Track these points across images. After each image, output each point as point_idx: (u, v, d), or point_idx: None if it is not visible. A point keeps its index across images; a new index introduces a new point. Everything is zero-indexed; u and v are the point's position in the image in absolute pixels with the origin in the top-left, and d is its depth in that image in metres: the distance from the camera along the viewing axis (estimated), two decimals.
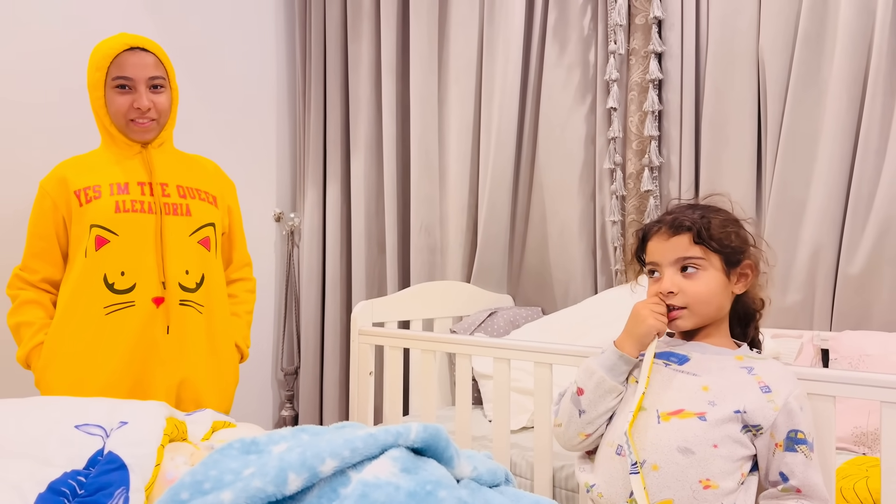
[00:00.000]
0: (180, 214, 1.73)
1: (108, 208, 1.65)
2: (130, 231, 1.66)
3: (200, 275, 1.75)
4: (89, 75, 1.70)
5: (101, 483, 0.96)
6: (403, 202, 2.91)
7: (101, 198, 1.66)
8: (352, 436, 0.76)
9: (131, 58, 1.68)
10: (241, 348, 1.89)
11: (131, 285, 1.65)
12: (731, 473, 1.14)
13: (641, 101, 2.32)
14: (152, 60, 1.70)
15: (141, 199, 1.69)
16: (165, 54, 1.75)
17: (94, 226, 1.65)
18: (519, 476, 1.78)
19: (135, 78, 1.68)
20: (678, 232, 1.24)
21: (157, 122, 1.73)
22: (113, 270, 1.64)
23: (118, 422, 1.07)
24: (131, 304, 1.65)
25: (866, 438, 1.73)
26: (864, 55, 1.98)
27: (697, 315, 1.24)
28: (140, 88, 1.68)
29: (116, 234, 1.65)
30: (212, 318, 1.77)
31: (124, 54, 1.67)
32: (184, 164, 1.83)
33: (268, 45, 3.09)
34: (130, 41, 1.69)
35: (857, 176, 1.98)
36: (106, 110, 1.70)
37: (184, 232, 1.73)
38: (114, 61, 1.67)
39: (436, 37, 2.76)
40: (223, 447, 0.80)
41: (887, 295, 1.96)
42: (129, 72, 1.67)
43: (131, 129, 1.71)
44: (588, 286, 2.50)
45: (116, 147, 1.73)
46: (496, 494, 0.80)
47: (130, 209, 1.67)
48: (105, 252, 1.64)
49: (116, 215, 1.65)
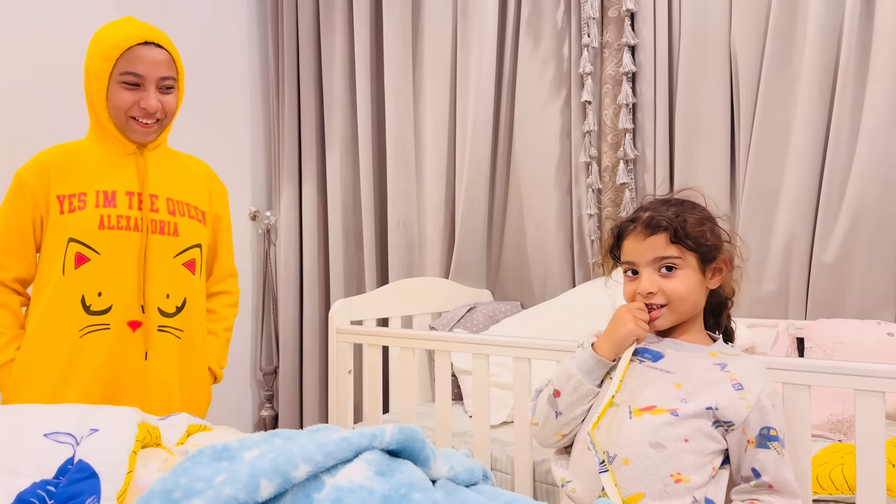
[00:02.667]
0: (167, 234, 1.61)
1: (92, 223, 1.53)
2: (113, 250, 1.54)
3: (182, 299, 1.64)
4: (92, 63, 1.54)
5: (71, 492, 0.93)
6: (380, 198, 2.90)
7: (86, 209, 1.53)
8: (325, 439, 0.75)
9: (144, 53, 1.53)
10: (214, 371, 1.78)
11: (108, 307, 1.54)
12: (702, 467, 1.14)
13: (615, 93, 2.32)
14: (165, 58, 1.57)
15: (127, 215, 1.56)
16: (177, 52, 1.62)
17: (74, 241, 1.52)
18: (499, 471, 1.78)
19: (146, 76, 1.54)
20: (655, 231, 1.24)
21: (160, 124, 1.61)
22: (91, 291, 1.53)
23: (89, 429, 1.04)
24: (106, 326, 1.54)
25: (842, 426, 1.75)
26: (834, 46, 2.00)
27: (675, 313, 1.25)
28: (150, 88, 1.55)
29: (98, 252, 1.53)
30: (190, 342, 1.67)
31: (137, 48, 1.53)
32: (177, 169, 1.70)
33: (240, 42, 3.05)
34: (145, 34, 1.54)
35: (829, 165, 2.00)
36: (106, 104, 1.55)
37: (169, 253, 1.61)
38: (124, 54, 1.52)
39: (409, 31, 2.74)
40: (194, 454, 0.78)
41: (860, 283, 1.98)
42: (140, 69, 1.53)
43: (131, 129, 1.57)
44: (566, 279, 2.51)
45: (108, 144, 1.60)
46: (473, 494, 0.79)
47: (115, 226, 1.54)
48: (84, 271, 1.53)
49: (100, 232, 1.53)
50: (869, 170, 1.93)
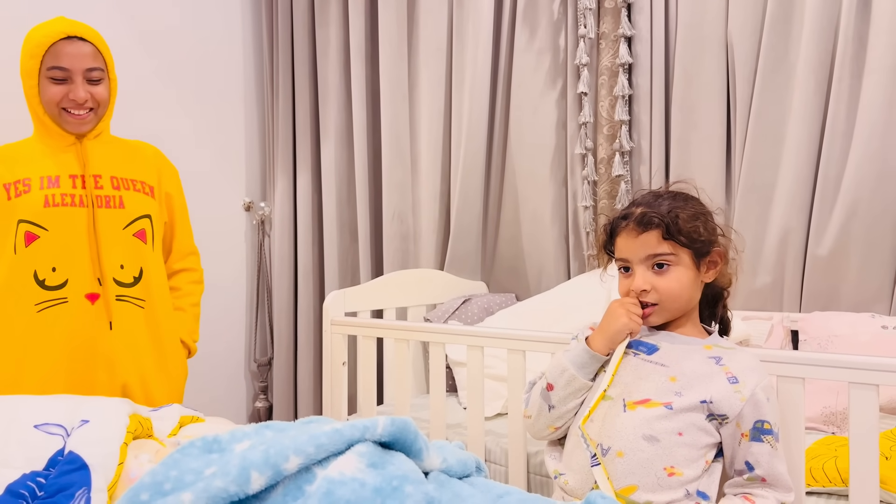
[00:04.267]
0: (113, 207, 1.66)
1: (37, 202, 1.59)
2: (60, 226, 1.60)
3: (138, 269, 1.69)
4: (23, 62, 1.62)
5: (61, 484, 0.93)
6: (375, 190, 2.88)
7: (31, 192, 1.59)
8: (317, 431, 0.75)
9: (68, 47, 1.59)
10: (188, 343, 1.84)
11: (63, 281, 1.59)
12: (695, 461, 1.14)
13: (612, 85, 2.31)
14: (90, 50, 1.62)
15: (72, 193, 1.62)
16: (105, 43, 1.67)
17: (23, 221, 1.58)
18: (494, 463, 1.78)
19: (71, 69, 1.60)
20: (647, 228, 1.22)
21: (94, 114, 1.66)
22: (43, 266, 1.58)
23: (79, 420, 1.04)
24: (63, 300, 1.59)
25: (835, 418, 1.75)
26: (830, 39, 1.99)
27: (669, 310, 1.25)
28: (77, 80, 1.61)
29: (46, 229, 1.59)
30: (154, 313, 1.72)
31: (61, 43, 1.59)
32: (121, 152, 1.75)
33: (234, 31, 3.02)
34: (67, 29, 1.60)
35: (824, 158, 2.00)
36: (39, 100, 1.62)
37: (118, 225, 1.66)
38: (49, 50, 1.59)
39: (405, 21, 2.73)
40: (184, 446, 0.78)
41: (855, 276, 1.98)
42: (65, 62, 1.59)
43: (65, 120, 1.63)
44: (561, 271, 2.50)
45: (49, 138, 1.66)
46: (465, 486, 0.79)
47: (60, 203, 1.60)
48: (35, 248, 1.58)
49: (45, 210, 1.59)
50: (864, 163, 1.93)
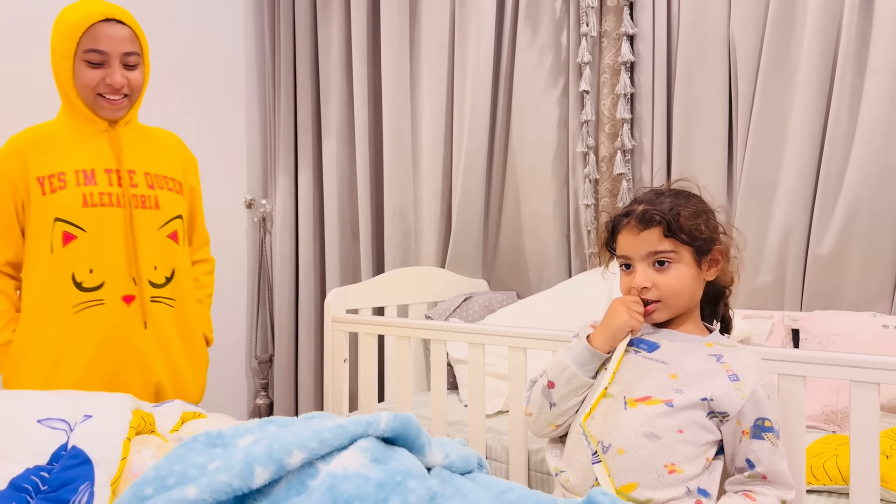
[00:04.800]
0: (149, 207, 1.65)
1: (75, 201, 1.56)
2: (99, 227, 1.57)
3: (171, 269, 1.69)
4: (56, 43, 1.57)
5: (64, 478, 0.93)
6: (376, 187, 2.88)
7: (67, 188, 1.56)
8: (320, 427, 0.75)
9: (106, 29, 1.55)
10: (208, 336, 1.85)
11: (100, 283, 1.58)
12: (695, 458, 1.14)
13: (614, 83, 2.31)
14: (128, 34, 1.58)
15: (109, 191, 1.59)
16: (140, 28, 1.64)
17: (60, 220, 1.55)
18: (494, 460, 1.79)
19: (109, 52, 1.56)
20: (648, 226, 1.23)
21: (128, 100, 1.63)
22: (81, 268, 1.57)
23: (82, 415, 1.04)
24: (100, 302, 1.58)
25: (836, 417, 1.75)
26: (833, 37, 1.99)
27: (671, 307, 1.25)
28: (114, 64, 1.57)
29: (84, 230, 1.56)
30: (184, 311, 1.72)
31: (99, 25, 1.54)
32: (149, 143, 1.73)
33: (235, 27, 3.02)
34: (106, 11, 1.56)
35: (826, 157, 2.00)
36: (73, 83, 1.57)
37: (153, 226, 1.65)
38: (87, 32, 1.54)
39: (407, 19, 2.73)
40: (188, 441, 0.78)
41: (856, 275, 1.98)
42: (103, 45, 1.55)
43: (100, 106, 1.60)
44: (562, 270, 2.50)
45: (80, 122, 1.62)
46: (468, 482, 0.79)
47: (98, 203, 1.58)
48: (72, 249, 1.56)
49: (84, 210, 1.56)
50: (866, 162, 1.93)
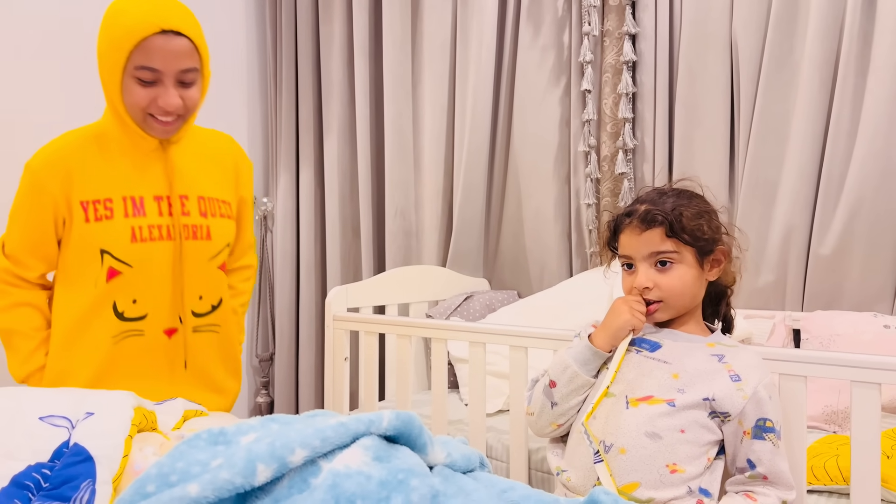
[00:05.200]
0: (200, 238, 1.50)
1: (123, 235, 1.41)
2: (147, 261, 1.44)
3: (218, 299, 1.57)
4: (104, 50, 1.36)
5: (66, 476, 0.93)
6: (378, 186, 2.88)
7: (114, 219, 1.41)
8: (323, 425, 0.75)
9: (162, 43, 1.31)
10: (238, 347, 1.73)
11: (143, 314, 1.47)
12: (697, 458, 1.15)
13: (615, 83, 2.31)
14: (187, 47, 1.35)
15: (159, 223, 1.45)
16: (202, 35, 1.40)
17: (106, 253, 1.42)
18: (495, 459, 1.79)
19: (164, 70, 1.34)
20: (650, 226, 1.23)
21: (182, 118, 1.44)
22: (124, 299, 1.45)
23: (84, 413, 1.04)
24: (140, 332, 1.47)
25: (837, 417, 1.75)
26: (835, 37, 1.99)
27: (673, 307, 1.25)
28: (168, 82, 1.35)
29: (130, 266, 1.43)
30: (227, 334, 1.62)
31: (154, 38, 1.31)
32: (204, 157, 1.55)
33: (237, 27, 3.02)
34: (163, 20, 1.32)
35: (828, 157, 2.00)
36: (121, 98, 1.37)
37: (204, 258, 1.52)
38: (139, 45, 1.31)
39: (409, 18, 2.73)
40: (190, 438, 0.78)
41: (857, 275, 1.98)
42: (157, 62, 1.33)
43: (150, 126, 1.41)
44: (563, 269, 2.50)
45: (128, 137, 1.44)
46: (470, 480, 0.79)
47: (148, 238, 1.43)
48: (117, 283, 1.44)
49: (132, 245, 1.42)
50: (868, 162, 1.93)
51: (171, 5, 1.35)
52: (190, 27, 1.36)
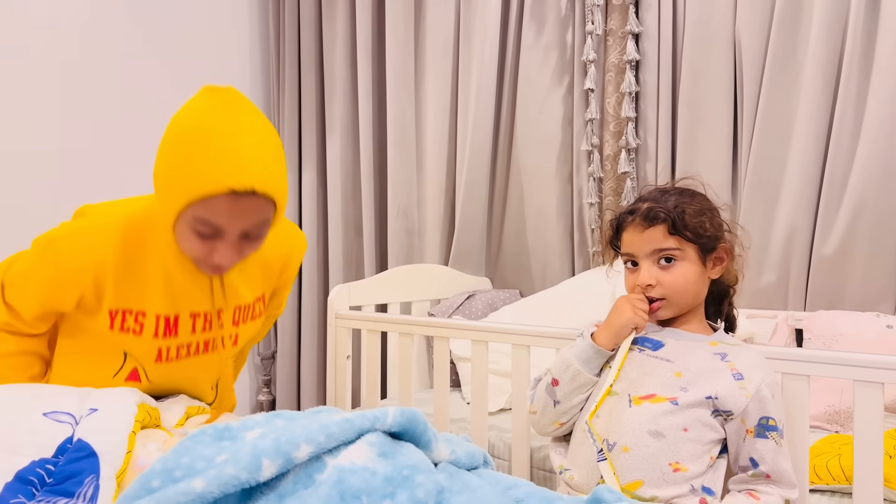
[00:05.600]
0: (227, 346, 1.37)
1: (149, 355, 1.27)
2: (167, 376, 1.32)
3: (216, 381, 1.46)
4: (162, 176, 1.12)
5: (70, 471, 0.94)
6: (380, 185, 2.89)
7: (143, 336, 1.24)
8: (328, 421, 0.75)
9: (230, 203, 1.09)
10: None
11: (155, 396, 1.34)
12: (700, 456, 1.15)
13: (619, 82, 2.31)
14: (260, 206, 1.12)
15: (189, 341, 1.30)
16: (282, 185, 1.15)
17: (130, 356, 1.28)
18: (497, 457, 1.79)
19: (227, 229, 1.13)
20: (653, 223, 1.23)
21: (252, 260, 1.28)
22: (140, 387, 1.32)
23: (88, 409, 1.05)
24: None
25: (839, 417, 1.75)
26: (839, 37, 1.99)
27: (676, 305, 1.25)
28: (229, 239, 1.14)
29: (150, 380, 1.31)
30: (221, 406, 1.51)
31: (221, 198, 1.08)
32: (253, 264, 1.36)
33: (240, 26, 3.02)
34: (236, 181, 1.06)
35: (831, 157, 1.99)
36: (173, 234, 1.17)
37: (225, 358, 1.40)
38: (204, 200, 1.08)
39: (412, 17, 2.73)
40: (195, 434, 0.78)
41: (860, 275, 1.98)
42: (221, 220, 1.11)
43: (201, 267, 1.21)
44: (565, 268, 2.50)
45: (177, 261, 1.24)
46: (474, 477, 0.79)
47: (175, 357, 1.29)
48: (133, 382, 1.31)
49: (157, 364, 1.28)
50: (871, 162, 1.93)
51: (249, 156, 1.09)
52: (269, 184, 1.11)
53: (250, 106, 1.15)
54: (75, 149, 2.38)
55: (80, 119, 2.40)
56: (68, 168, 2.37)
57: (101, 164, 2.46)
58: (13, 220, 2.22)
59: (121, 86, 2.52)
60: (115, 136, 2.51)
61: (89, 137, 2.43)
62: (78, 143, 2.39)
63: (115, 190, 2.49)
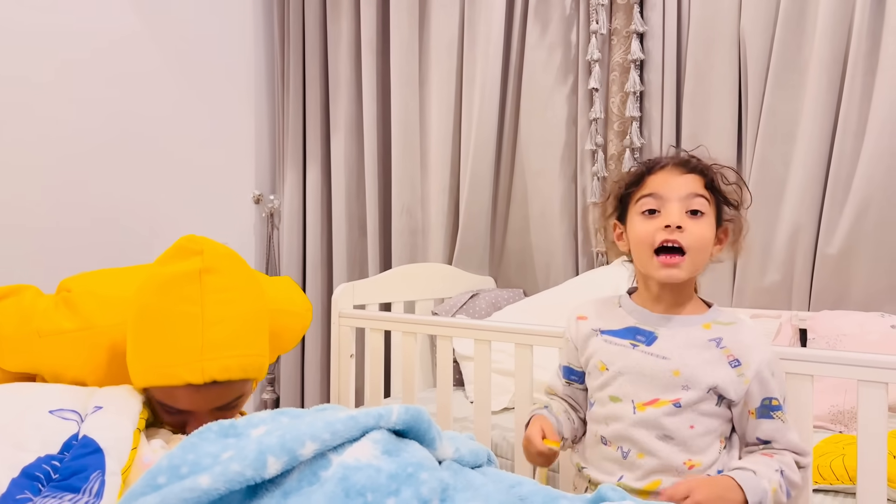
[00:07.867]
0: None
1: None
2: None
3: None
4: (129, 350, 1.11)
5: (76, 467, 0.94)
6: (384, 183, 2.89)
7: None
8: (332, 418, 0.75)
9: (191, 393, 1.07)
10: None
11: None
12: (710, 445, 1.15)
13: (623, 81, 2.31)
14: (224, 390, 1.11)
15: None
16: (254, 363, 1.11)
17: None
18: (500, 457, 1.79)
19: (193, 411, 1.12)
20: (691, 172, 1.18)
21: None
22: None
23: (93, 406, 1.05)
24: None
25: (843, 417, 1.75)
26: (844, 36, 1.98)
27: (693, 264, 1.16)
28: (200, 418, 1.12)
29: None
30: None
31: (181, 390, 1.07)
32: None
33: (246, 25, 3.03)
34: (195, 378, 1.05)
35: (836, 156, 1.99)
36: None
37: None
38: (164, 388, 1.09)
39: (416, 16, 2.73)
40: (201, 431, 0.78)
41: (864, 275, 1.98)
42: (183, 406, 1.10)
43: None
44: (569, 267, 2.50)
45: None
46: (478, 475, 0.80)
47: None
48: None
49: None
50: (876, 161, 1.92)
51: (211, 348, 1.04)
52: (233, 371, 1.06)
53: (226, 273, 1.07)
54: (78, 150, 2.39)
55: (85, 119, 2.41)
56: (69, 168, 2.37)
57: (103, 164, 2.47)
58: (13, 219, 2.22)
59: (125, 85, 2.53)
60: (118, 136, 2.51)
61: (93, 138, 2.43)
62: (81, 144, 2.40)
63: (117, 190, 2.50)
